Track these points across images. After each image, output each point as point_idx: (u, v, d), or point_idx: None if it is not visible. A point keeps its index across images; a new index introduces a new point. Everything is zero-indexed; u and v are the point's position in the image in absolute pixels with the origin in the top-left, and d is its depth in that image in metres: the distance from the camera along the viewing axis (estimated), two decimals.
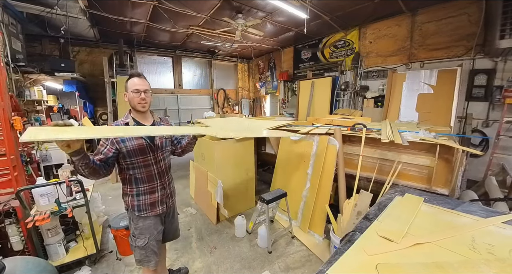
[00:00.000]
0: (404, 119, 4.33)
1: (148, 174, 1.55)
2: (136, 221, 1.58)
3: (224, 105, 9.08)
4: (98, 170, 1.31)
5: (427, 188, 2.29)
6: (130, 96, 1.51)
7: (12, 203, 2.10)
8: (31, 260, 1.71)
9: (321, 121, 3.71)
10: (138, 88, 1.49)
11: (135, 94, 1.49)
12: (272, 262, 2.39)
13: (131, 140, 1.47)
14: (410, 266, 0.86)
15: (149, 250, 1.58)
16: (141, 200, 1.55)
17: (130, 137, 1.46)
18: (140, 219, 1.58)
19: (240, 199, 3.37)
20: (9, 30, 3.25)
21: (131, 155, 1.48)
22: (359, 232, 1.11)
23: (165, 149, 1.65)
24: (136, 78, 1.52)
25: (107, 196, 4.08)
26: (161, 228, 1.68)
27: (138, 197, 1.55)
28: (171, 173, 1.76)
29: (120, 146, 1.44)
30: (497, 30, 3.01)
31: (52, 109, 5.22)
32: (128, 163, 1.49)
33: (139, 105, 1.52)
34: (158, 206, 1.61)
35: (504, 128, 3.23)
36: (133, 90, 1.49)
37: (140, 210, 1.55)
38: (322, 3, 4.11)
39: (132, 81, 1.51)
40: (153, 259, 1.59)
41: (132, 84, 1.50)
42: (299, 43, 6.90)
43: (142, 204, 1.55)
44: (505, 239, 1.00)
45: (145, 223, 1.58)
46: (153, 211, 1.58)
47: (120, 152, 1.45)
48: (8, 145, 2.43)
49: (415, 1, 3.92)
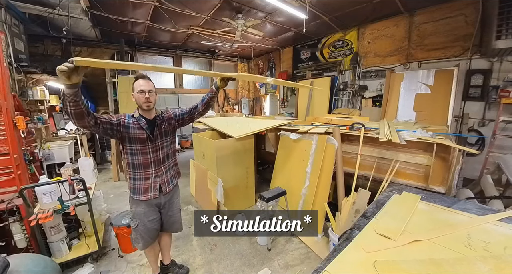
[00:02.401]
0: (402, 119, 4.36)
1: (145, 161, 1.71)
2: (131, 205, 1.80)
3: (224, 105, 9.11)
4: (84, 115, 1.37)
5: (424, 186, 2.31)
6: (136, 96, 1.66)
7: (16, 201, 2.13)
8: (34, 257, 1.73)
9: (320, 120, 3.74)
10: (143, 89, 1.64)
11: (140, 95, 1.65)
12: (271, 259, 2.42)
13: (134, 129, 1.65)
14: (407, 263, 0.87)
15: (138, 233, 1.80)
16: (136, 184, 1.73)
17: (135, 126, 1.65)
18: (134, 203, 1.77)
19: (240, 197, 3.39)
20: (12, 30, 3.26)
21: (131, 142, 1.66)
22: (357, 229, 1.13)
23: (165, 138, 1.80)
24: (141, 79, 1.66)
25: (109, 194, 4.09)
26: (155, 217, 1.83)
27: (134, 181, 1.73)
28: (170, 162, 1.89)
29: (123, 130, 1.62)
30: (493, 31, 3.04)
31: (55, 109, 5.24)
32: (127, 148, 1.67)
33: (144, 104, 1.67)
34: (151, 191, 1.74)
35: (499, 128, 3.26)
36: (138, 91, 1.64)
37: (134, 193, 1.73)
38: (321, 3, 4.14)
39: (138, 82, 1.66)
40: (140, 241, 1.82)
41: (138, 86, 1.65)
42: (299, 43, 6.92)
43: (137, 188, 1.73)
44: (500, 236, 1.02)
45: (137, 209, 1.77)
46: (145, 196, 1.73)
47: (121, 135, 1.63)
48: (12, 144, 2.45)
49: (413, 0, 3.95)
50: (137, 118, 1.68)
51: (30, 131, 3.27)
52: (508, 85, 3.26)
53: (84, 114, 1.37)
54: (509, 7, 2.92)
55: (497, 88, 3.41)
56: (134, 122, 1.67)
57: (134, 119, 1.68)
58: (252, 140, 3.46)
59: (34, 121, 3.85)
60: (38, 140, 3.83)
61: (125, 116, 1.68)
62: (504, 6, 2.96)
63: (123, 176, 4.84)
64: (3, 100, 2.37)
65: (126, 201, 3.78)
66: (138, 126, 1.67)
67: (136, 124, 1.67)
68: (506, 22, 2.96)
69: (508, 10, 2.93)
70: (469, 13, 3.64)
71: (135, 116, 1.69)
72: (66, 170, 2.79)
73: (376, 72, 5.03)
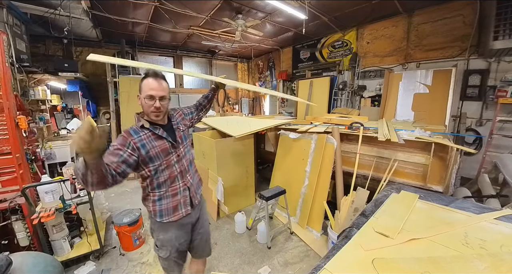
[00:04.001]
0: (400, 118, 4.38)
1: (171, 175, 1.38)
2: (157, 233, 1.45)
3: (224, 104, 9.14)
4: (105, 178, 1.05)
5: (422, 185, 2.33)
6: (143, 102, 1.28)
7: (18, 200, 2.15)
8: (37, 256, 1.73)
9: (319, 120, 3.76)
10: (153, 94, 1.25)
11: (148, 102, 1.26)
12: (271, 257, 2.44)
13: (152, 142, 1.29)
14: (405, 261, 0.88)
15: (172, 262, 1.48)
16: (162, 205, 1.38)
17: (151, 139, 1.30)
18: (161, 229, 1.44)
19: (240, 196, 3.42)
20: (13, 31, 3.28)
21: (154, 159, 1.30)
22: (356, 228, 1.14)
23: (185, 142, 1.49)
24: (152, 79, 1.27)
25: (110, 193, 4.13)
26: (186, 238, 1.53)
27: (159, 202, 1.38)
28: (193, 168, 1.58)
29: (140, 153, 1.24)
30: (490, 31, 3.05)
31: (56, 109, 5.27)
32: (150, 169, 1.30)
33: (153, 114, 1.30)
34: (181, 208, 1.44)
35: (497, 127, 3.28)
36: (146, 96, 1.25)
37: (162, 215, 1.39)
38: (320, 4, 4.15)
39: (147, 83, 1.26)
40: (176, 270, 1.52)
41: (147, 88, 1.25)
42: (298, 43, 6.95)
43: (164, 209, 1.39)
44: (497, 235, 1.03)
45: (166, 236, 1.44)
46: (176, 215, 1.42)
47: (140, 160, 1.25)
48: (14, 143, 2.47)
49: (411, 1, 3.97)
50: (151, 128, 1.31)
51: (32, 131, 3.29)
52: (505, 85, 3.29)
53: (105, 177, 1.04)
54: (507, 7, 2.93)
55: (494, 88, 3.43)
56: (148, 134, 1.30)
57: (146, 130, 1.30)
58: (252, 139, 3.48)
59: (36, 121, 3.86)
60: (39, 139, 3.84)
61: (130, 134, 1.25)
62: (501, 7, 2.97)
63: None
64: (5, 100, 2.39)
65: (127, 200, 3.87)
66: (155, 137, 1.31)
67: (151, 135, 1.30)
68: (504, 22, 2.97)
69: (506, 11, 2.94)
70: (467, 13, 3.67)
71: (146, 127, 1.30)
72: (67, 169, 2.79)
73: (375, 72, 5.06)
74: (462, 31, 3.76)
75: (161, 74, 1.31)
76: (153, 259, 2.47)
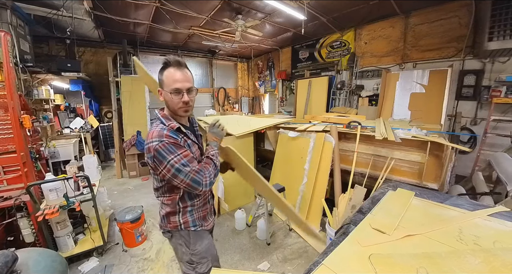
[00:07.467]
0: (397, 117, 4.44)
1: None
2: (193, 245, 1.27)
3: (225, 104, 9.18)
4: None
5: (418, 183, 2.37)
6: (168, 98, 1.10)
7: (23, 197, 2.17)
8: (42, 252, 1.74)
9: (318, 119, 3.81)
10: (179, 87, 1.07)
11: (175, 97, 1.08)
12: (270, 253, 2.49)
13: (190, 148, 1.16)
14: (401, 257, 0.90)
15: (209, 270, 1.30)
16: (194, 215, 1.27)
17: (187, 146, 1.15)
18: (197, 239, 1.29)
19: (240, 193, 3.47)
20: (17, 31, 3.30)
21: None
22: (354, 224, 1.15)
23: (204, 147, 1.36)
24: (175, 69, 1.08)
25: (112, 190, 4.18)
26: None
27: (191, 213, 1.26)
28: None
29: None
30: (485, 32, 3.10)
31: (59, 108, 5.34)
32: None
33: (181, 110, 1.13)
34: (209, 217, 1.37)
35: (491, 127, 3.33)
36: (172, 91, 1.07)
37: (195, 224, 1.27)
38: (319, 5, 4.20)
39: (170, 75, 1.07)
40: None
41: (171, 81, 1.07)
42: (297, 44, 6.99)
43: (197, 218, 1.29)
44: (490, 231, 1.05)
45: (203, 244, 1.30)
46: (208, 223, 1.34)
47: None
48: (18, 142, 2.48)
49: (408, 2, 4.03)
50: (186, 132, 1.18)
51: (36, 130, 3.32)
52: (499, 85, 3.34)
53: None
54: (501, 9, 2.98)
55: (488, 88, 3.48)
56: (185, 139, 1.16)
57: (181, 134, 1.15)
58: (251, 137, 3.52)
59: (40, 120, 3.91)
60: (43, 138, 3.88)
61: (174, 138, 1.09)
62: (496, 8, 3.02)
63: (126, 173, 4.91)
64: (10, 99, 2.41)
65: (130, 197, 3.93)
66: (191, 142, 1.19)
67: (187, 139, 1.17)
68: (498, 24, 3.02)
69: (500, 13, 2.99)
70: (463, 15, 3.73)
71: (182, 130, 1.15)
72: (71, 167, 2.83)
73: (373, 72, 5.11)
74: (457, 32, 3.81)
75: (184, 63, 1.12)
76: (155, 255, 2.52)
